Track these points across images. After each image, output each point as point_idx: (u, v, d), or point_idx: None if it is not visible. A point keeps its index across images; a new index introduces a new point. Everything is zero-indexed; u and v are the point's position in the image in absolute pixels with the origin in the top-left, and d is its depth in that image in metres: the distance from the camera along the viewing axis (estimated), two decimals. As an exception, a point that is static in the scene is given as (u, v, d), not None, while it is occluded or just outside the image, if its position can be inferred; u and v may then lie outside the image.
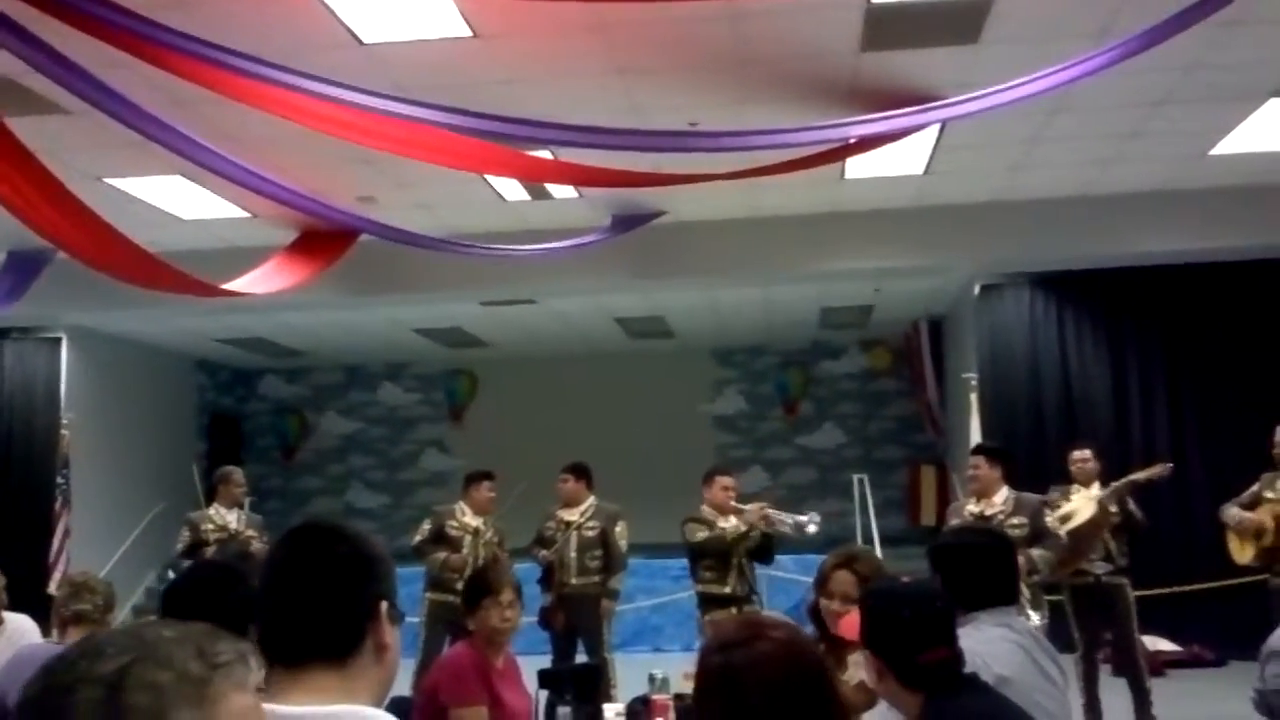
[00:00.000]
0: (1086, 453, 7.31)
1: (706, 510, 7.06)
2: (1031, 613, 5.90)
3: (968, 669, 2.50)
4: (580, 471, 7.82)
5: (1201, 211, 9.38)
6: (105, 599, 4.17)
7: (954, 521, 6.43)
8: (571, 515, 7.67)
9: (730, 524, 6.94)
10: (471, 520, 7.74)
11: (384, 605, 1.64)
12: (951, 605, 2.57)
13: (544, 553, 7.60)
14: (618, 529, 7.61)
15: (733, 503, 7.08)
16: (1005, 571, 3.11)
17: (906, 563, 7.99)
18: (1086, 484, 7.12)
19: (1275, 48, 6.47)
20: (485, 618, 4.05)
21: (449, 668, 4.01)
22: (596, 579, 7.52)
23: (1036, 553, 6.09)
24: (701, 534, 6.94)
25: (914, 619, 2.45)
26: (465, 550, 7.55)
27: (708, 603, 6.92)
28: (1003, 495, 6.43)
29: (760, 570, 7.36)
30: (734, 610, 6.64)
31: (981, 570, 3.03)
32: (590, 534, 7.57)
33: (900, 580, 2.72)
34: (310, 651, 1.58)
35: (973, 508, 6.46)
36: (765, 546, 6.97)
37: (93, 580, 4.26)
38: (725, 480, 7.13)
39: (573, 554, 7.53)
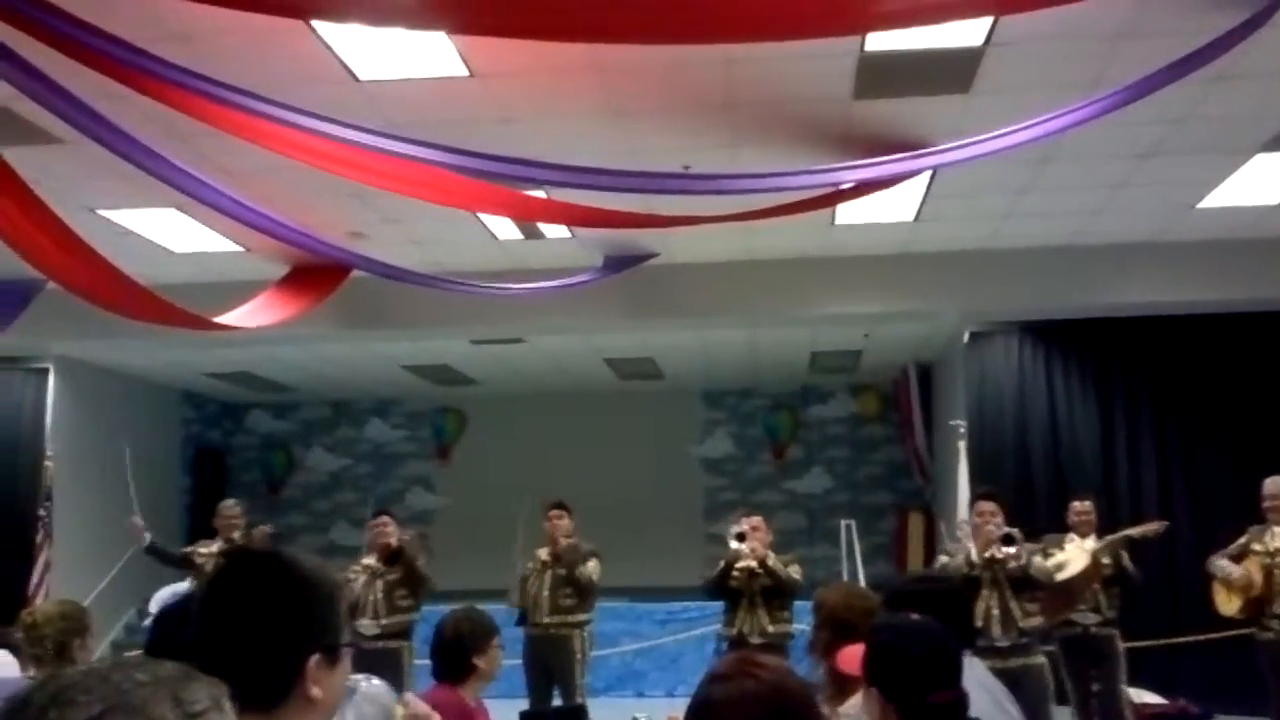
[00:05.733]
0: (1088, 504, 7.35)
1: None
2: None
3: None
4: (569, 508, 7.83)
5: (1189, 264, 9.44)
6: (58, 640, 3.98)
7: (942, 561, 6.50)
8: (548, 556, 7.68)
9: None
10: None
11: (314, 659, 1.54)
12: (960, 647, 2.50)
13: (513, 596, 7.65)
14: (589, 565, 7.58)
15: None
16: (961, 616, 3.11)
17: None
18: (1084, 536, 7.12)
19: (1263, 103, 6.54)
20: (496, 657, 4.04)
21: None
22: (570, 619, 7.49)
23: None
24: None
25: (925, 658, 2.38)
26: None
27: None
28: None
29: None
30: None
31: (937, 616, 3.00)
32: (564, 572, 7.57)
33: (910, 617, 2.65)
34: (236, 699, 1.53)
35: (975, 555, 6.40)
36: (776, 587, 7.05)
37: (42, 620, 4.07)
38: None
39: (545, 593, 7.52)
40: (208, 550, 7.82)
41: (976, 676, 2.91)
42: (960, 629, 3.04)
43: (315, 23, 5.25)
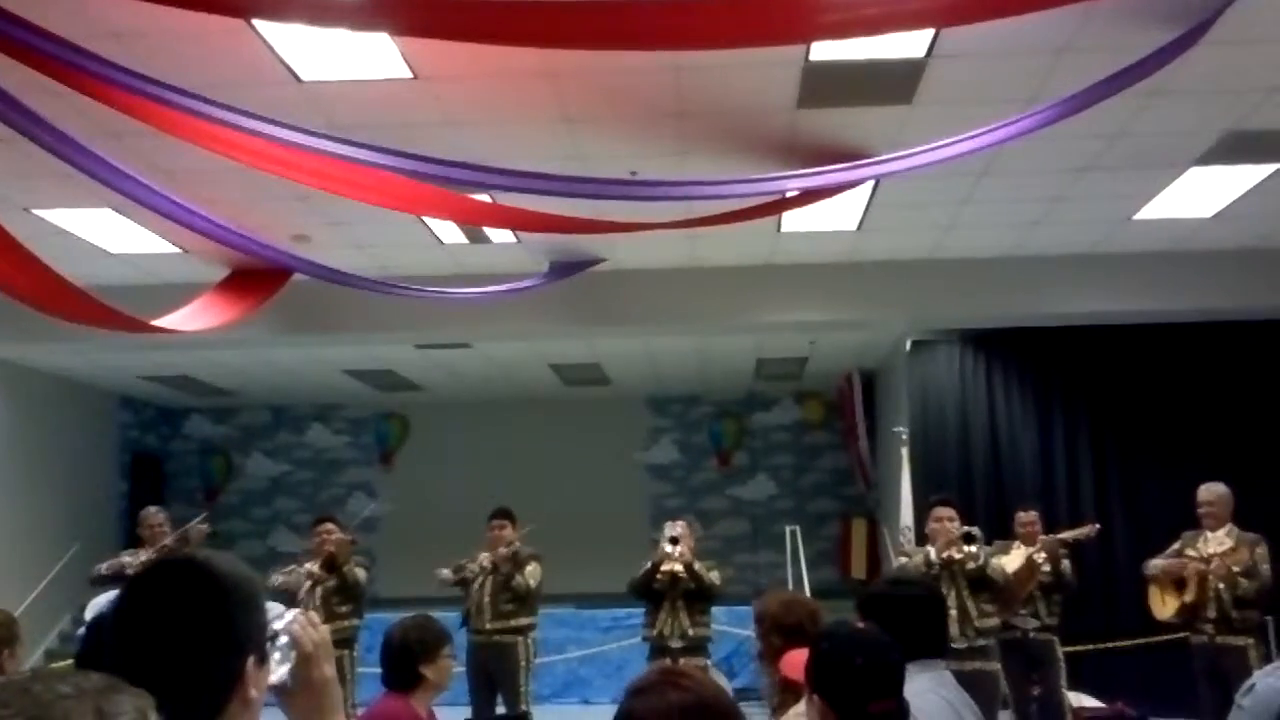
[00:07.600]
0: (1033, 514, 7.51)
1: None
2: None
3: None
4: (512, 517, 7.79)
5: (1126, 275, 9.62)
6: None
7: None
8: (489, 562, 7.65)
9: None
10: None
11: (250, 661, 1.51)
12: (903, 656, 2.51)
13: (445, 572, 7.71)
14: (528, 569, 7.55)
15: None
16: (936, 623, 3.11)
17: (836, 615, 8.00)
18: (1030, 545, 7.24)
19: (1196, 118, 6.68)
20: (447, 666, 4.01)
21: None
22: (513, 623, 7.46)
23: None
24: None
25: (867, 666, 2.39)
26: None
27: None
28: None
29: None
30: (669, 661, 6.70)
31: (912, 622, 3.01)
32: (503, 578, 7.54)
33: (854, 626, 2.65)
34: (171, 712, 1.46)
35: (935, 555, 6.56)
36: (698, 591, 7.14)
37: None
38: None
39: (487, 599, 7.48)
40: (136, 560, 7.63)
41: (939, 688, 2.92)
42: (935, 636, 3.06)
43: (256, 22, 5.19)
